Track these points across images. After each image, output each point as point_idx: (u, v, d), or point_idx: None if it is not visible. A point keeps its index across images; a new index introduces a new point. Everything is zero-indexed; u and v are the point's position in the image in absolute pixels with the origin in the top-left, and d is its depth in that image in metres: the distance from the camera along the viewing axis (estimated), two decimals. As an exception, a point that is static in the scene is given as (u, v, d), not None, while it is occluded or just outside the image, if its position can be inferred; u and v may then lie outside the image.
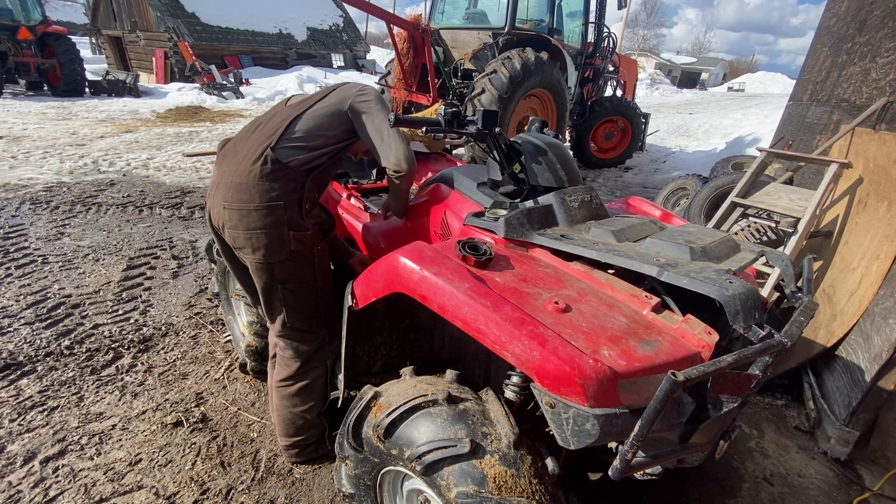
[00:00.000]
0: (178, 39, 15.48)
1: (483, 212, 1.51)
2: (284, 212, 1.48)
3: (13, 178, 5.21)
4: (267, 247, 1.49)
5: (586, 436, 0.88)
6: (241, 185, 1.48)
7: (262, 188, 1.47)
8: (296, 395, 1.71)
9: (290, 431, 1.77)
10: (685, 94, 29.49)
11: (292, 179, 1.51)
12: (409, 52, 6.02)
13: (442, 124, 1.44)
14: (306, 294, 1.60)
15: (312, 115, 1.58)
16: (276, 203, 1.47)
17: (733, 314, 1.02)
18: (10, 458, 1.80)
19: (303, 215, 1.54)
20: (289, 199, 1.50)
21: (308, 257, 1.58)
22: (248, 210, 1.47)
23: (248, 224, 1.48)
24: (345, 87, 1.66)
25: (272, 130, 1.54)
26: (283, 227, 1.49)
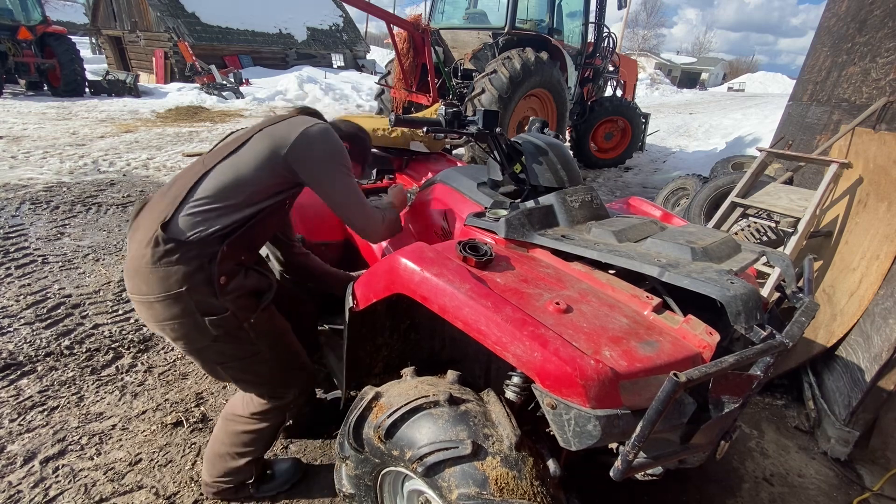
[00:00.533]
0: (178, 39, 15.47)
1: (484, 212, 1.51)
2: (190, 297, 1.25)
3: (13, 178, 5.21)
4: (184, 337, 1.30)
5: (588, 437, 0.88)
6: (137, 274, 1.26)
7: (157, 276, 1.24)
8: (238, 435, 1.54)
9: (215, 470, 1.60)
10: (685, 94, 29.50)
11: (195, 257, 1.25)
12: (409, 52, 6.02)
13: (442, 124, 1.44)
14: (253, 368, 1.43)
15: (228, 168, 1.30)
16: (177, 291, 1.24)
17: (735, 315, 1.02)
18: (10, 458, 1.80)
19: (218, 294, 1.28)
20: (193, 281, 1.25)
21: (240, 335, 1.36)
22: (150, 303, 1.26)
23: (154, 317, 1.28)
24: (279, 128, 1.36)
25: (172, 198, 1.28)
26: (193, 315, 1.27)
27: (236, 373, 1.43)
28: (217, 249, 1.28)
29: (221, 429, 1.58)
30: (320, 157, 1.35)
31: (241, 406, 1.54)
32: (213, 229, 1.26)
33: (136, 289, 1.28)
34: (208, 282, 1.27)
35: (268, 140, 1.33)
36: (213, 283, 1.28)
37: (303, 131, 1.34)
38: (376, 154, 2.79)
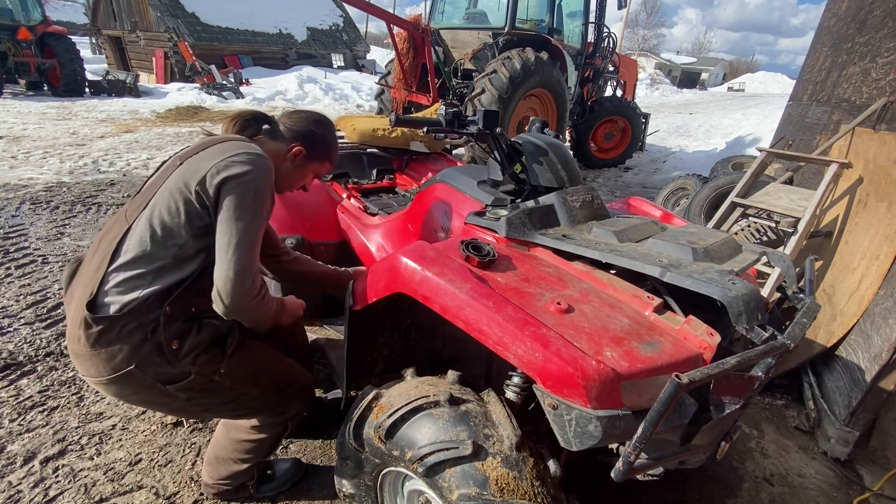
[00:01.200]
0: (178, 39, 15.47)
1: (484, 211, 1.51)
2: (144, 373, 1.14)
3: (13, 178, 5.21)
4: (156, 405, 1.26)
5: (589, 437, 0.88)
6: (78, 357, 1.15)
7: (101, 358, 1.12)
8: (241, 443, 1.51)
9: (216, 472, 1.58)
10: (685, 94, 29.50)
11: (135, 329, 1.12)
12: (409, 52, 6.02)
13: (442, 124, 1.44)
14: (243, 405, 1.37)
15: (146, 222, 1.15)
16: (127, 371, 1.13)
17: (736, 315, 1.02)
18: (10, 458, 1.80)
19: (172, 360, 1.17)
20: (140, 356, 1.13)
21: (213, 388, 1.26)
22: (102, 383, 1.16)
23: (116, 394, 1.18)
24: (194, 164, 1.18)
25: (95, 268, 1.14)
26: (155, 387, 1.17)
27: (228, 413, 1.39)
28: (157, 314, 1.14)
29: (223, 434, 1.56)
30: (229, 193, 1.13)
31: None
32: (145, 295, 1.12)
33: (84, 371, 1.16)
34: (158, 351, 1.15)
35: (179, 179, 1.17)
36: (162, 351, 1.15)
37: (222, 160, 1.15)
38: (376, 154, 2.80)
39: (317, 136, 1.45)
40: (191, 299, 1.20)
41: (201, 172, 1.15)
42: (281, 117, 1.46)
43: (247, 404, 1.37)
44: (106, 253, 1.15)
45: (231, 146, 1.22)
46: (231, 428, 1.53)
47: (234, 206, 1.13)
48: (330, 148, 1.50)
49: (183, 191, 1.15)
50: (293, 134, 1.41)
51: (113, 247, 1.15)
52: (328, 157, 1.51)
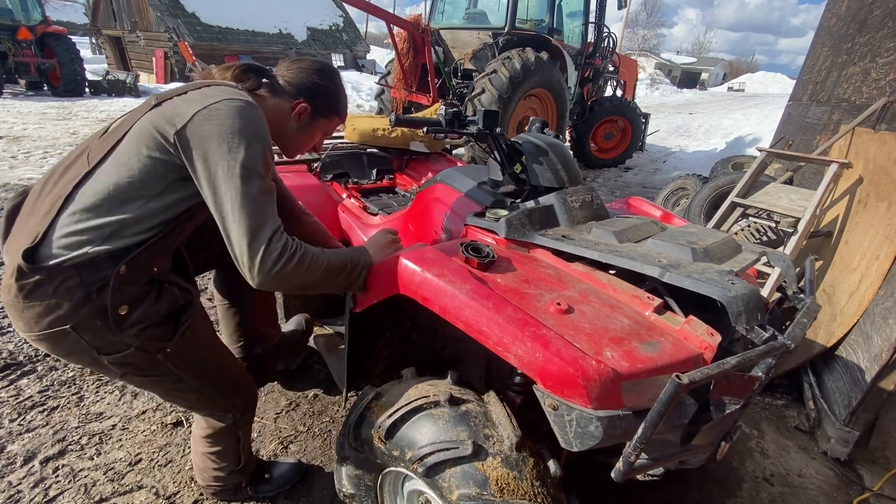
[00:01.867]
0: (178, 39, 15.47)
1: (484, 212, 1.51)
2: (80, 335, 1.00)
3: (13, 178, 5.20)
4: (91, 367, 1.09)
5: (589, 438, 0.88)
6: (9, 308, 1.00)
7: (33, 312, 0.98)
8: (206, 455, 1.51)
9: (203, 476, 1.60)
10: (685, 94, 29.51)
11: (78, 286, 0.97)
12: (409, 52, 6.02)
13: (442, 124, 1.44)
14: (181, 394, 1.26)
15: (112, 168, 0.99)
16: (61, 329, 0.98)
17: (736, 315, 1.02)
18: (10, 458, 1.80)
19: (115, 327, 1.02)
20: (79, 316, 0.98)
21: (153, 368, 1.13)
22: (34, 339, 1.02)
23: (46, 349, 1.04)
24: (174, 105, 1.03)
25: (45, 212, 0.98)
26: (89, 353, 1.03)
27: (163, 395, 1.28)
28: (108, 273, 0.98)
29: (193, 444, 1.55)
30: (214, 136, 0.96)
31: (196, 428, 1.49)
32: (96, 251, 0.97)
33: (15, 324, 1.02)
34: (101, 315, 1.00)
35: (155, 122, 0.99)
36: (106, 315, 1.00)
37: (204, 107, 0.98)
38: (376, 154, 2.80)
39: (321, 89, 1.26)
40: (152, 259, 1.05)
41: (181, 119, 0.98)
42: (279, 69, 1.29)
43: (181, 395, 1.26)
44: (59, 196, 0.99)
45: (218, 91, 1.04)
46: (195, 439, 1.51)
47: (226, 161, 0.96)
48: (338, 100, 1.31)
49: (157, 137, 0.99)
50: (295, 88, 1.23)
51: (68, 190, 0.98)
52: (336, 110, 1.31)
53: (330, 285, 1.13)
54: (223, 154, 0.96)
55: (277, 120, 1.19)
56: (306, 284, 1.07)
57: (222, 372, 1.32)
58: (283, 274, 1.00)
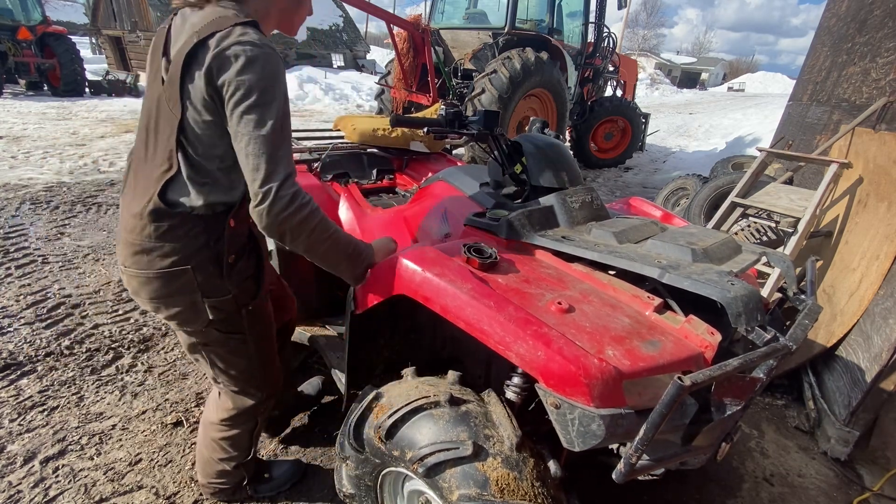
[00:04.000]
0: (177, 39, 15.46)
1: (484, 212, 1.51)
2: (195, 276, 1.14)
3: (13, 178, 5.20)
4: (178, 315, 1.19)
5: (592, 436, 0.88)
6: (134, 247, 1.13)
7: (161, 251, 1.11)
8: (216, 442, 1.52)
9: (206, 472, 1.60)
10: (685, 94, 29.52)
11: (202, 233, 1.12)
12: (409, 52, 6.02)
13: (442, 124, 1.44)
14: (235, 358, 1.36)
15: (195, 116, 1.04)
16: (182, 268, 1.12)
17: (735, 316, 1.02)
18: (10, 458, 1.80)
19: (224, 275, 1.18)
20: (199, 258, 1.14)
21: (235, 321, 1.27)
22: (148, 278, 1.14)
23: (150, 293, 1.16)
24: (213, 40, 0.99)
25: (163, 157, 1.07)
26: (194, 295, 1.16)
27: (216, 359, 1.34)
28: (223, 225, 1.15)
29: (202, 434, 1.57)
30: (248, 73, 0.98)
31: (213, 412, 1.51)
32: (211, 201, 1.11)
33: (131, 262, 1.13)
34: (216, 259, 1.16)
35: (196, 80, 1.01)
36: (221, 260, 1.16)
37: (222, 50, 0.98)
38: (376, 154, 2.80)
39: None
40: (248, 221, 1.19)
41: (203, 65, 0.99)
42: None
43: (237, 359, 1.35)
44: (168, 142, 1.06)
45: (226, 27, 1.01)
46: (206, 427, 1.54)
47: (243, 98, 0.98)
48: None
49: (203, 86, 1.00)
50: None
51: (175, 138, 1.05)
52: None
53: (332, 261, 1.18)
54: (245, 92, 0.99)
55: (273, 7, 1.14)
56: (310, 246, 1.11)
57: (271, 348, 1.45)
58: (290, 223, 1.03)
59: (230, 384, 1.42)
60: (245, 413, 1.47)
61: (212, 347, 1.31)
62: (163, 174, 1.08)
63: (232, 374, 1.39)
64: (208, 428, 1.53)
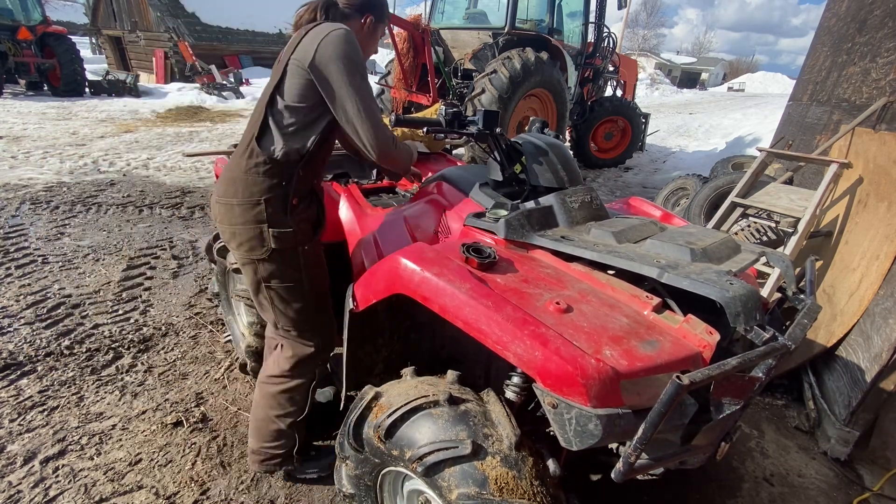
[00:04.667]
0: (178, 39, 15.46)
1: (483, 212, 1.51)
2: (266, 208, 1.41)
3: (13, 178, 5.21)
4: (248, 242, 1.44)
5: (589, 436, 0.88)
6: (231, 180, 1.44)
7: (247, 182, 1.41)
8: (275, 395, 1.64)
9: (261, 435, 1.70)
10: (685, 94, 29.50)
11: (279, 174, 1.41)
12: (409, 52, 6.02)
13: (442, 124, 1.44)
14: (292, 296, 1.53)
15: (292, 84, 1.37)
16: (257, 198, 1.41)
17: (734, 315, 1.02)
18: (10, 458, 1.80)
19: (287, 212, 1.44)
20: (272, 194, 1.41)
21: (293, 257, 1.49)
22: (232, 205, 1.43)
23: (231, 219, 1.44)
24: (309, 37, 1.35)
25: (257, 115, 1.42)
26: (263, 225, 1.42)
27: (276, 296, 1.52)
28: (294, 171, 1.43)
29: (259, 394, 1.68)
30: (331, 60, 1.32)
31: (274, 367, 1.64)
32: (292, 148, 1.40)
33: (224, 192, 1.44)
34: (284, 198, 1.43)
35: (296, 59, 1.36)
36: (287, 200, 1.43)
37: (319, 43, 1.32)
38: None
39: (375, 2, 1.58)
40: (311, 174, 1.50)
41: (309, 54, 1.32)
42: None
43: (294, 297, 1.53)
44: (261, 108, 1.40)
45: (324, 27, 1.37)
46: (265, 384, 1.66)
47: (344, 75, 1.31)
48: (385, 4, 1.64)
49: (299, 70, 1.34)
50: (357, 8, 1.53)
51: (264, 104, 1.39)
52: (385, 13, 1.64)
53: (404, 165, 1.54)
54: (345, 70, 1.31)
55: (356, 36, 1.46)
56: (398, 161, 1.48)
57: (325, 297, 1.64)
58: (392, 152, 1.42)
59: (290, 328, 1.57)
60: (303, 362, 1.61)
61: (273, 284, 1.50)
62: (255, 123, 1.40)
63: (290, 315, 1.55)
64: (267, 384, 1.65)
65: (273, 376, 1.64)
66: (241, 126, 9.49)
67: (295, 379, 1.63)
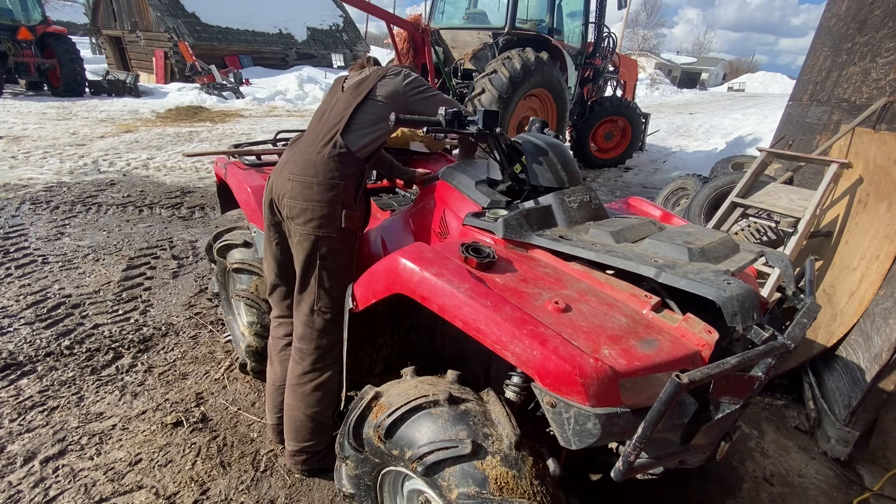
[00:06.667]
0: (178, 39, 15.46)
1: (482, 212, 1.51)
2: (343, 191, 1.58)
3: (13, 178, 5.21)
4: (320, 219, 1.57)
5: (588, 435, 0.88)
6: (309, 162, 1.58)
7: (328, 167, 1.57)
8: (310, 394, 1.67)
9: (300, 435, 1.72)
10: (685, 94, 29.51)
11: (354, 165, 1.61)
12: (409, 52, 6.02)
13: (442, 124, 1.44)
14: (340, 278, 1.62)
15: (375, 103, 1.64)
16: (338, 182, 1.58)
17: (731, 315, 1.02)
18: (10, 458, 1.80)
19: (356, 199, 1.62)
20: (348, 181, 1.59)
21: (352, 239, 1.65)
22: (311, 183, 1.56)
23: (307, 196, 1.56)
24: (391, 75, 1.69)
25: (338, 118, 1.63)
26: (338, 205, 1.57)
27: (326, 275, 1.61)
28: (364, 167, 1.65)
29: (292, 397, 1.71)
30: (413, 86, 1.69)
31: (300, 365, 1.67)
32: (367, 147, 1.64)
33: (302, 172, 1.58)
34: (357, 186, 1.62)
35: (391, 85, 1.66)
36: (358, 189, 1.62)
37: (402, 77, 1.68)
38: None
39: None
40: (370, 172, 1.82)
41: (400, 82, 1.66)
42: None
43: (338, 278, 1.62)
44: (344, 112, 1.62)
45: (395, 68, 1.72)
46: (296, 385, 1.69)
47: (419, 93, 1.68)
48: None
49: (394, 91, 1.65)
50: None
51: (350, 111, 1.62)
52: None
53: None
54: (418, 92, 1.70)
55: None
56: None
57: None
58: None
59: (327, 308, 1.62)
60: (328, 354, 1.66)
61: (326, 261, 1.60)
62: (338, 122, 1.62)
63: (334, 295, 1.62)
64: (299, 385, 1.69)
65: (303, 374, 1.68)
66: (241, 126, 9.49)
67: (326, 371, 1.67)
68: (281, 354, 1.82)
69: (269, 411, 1.89)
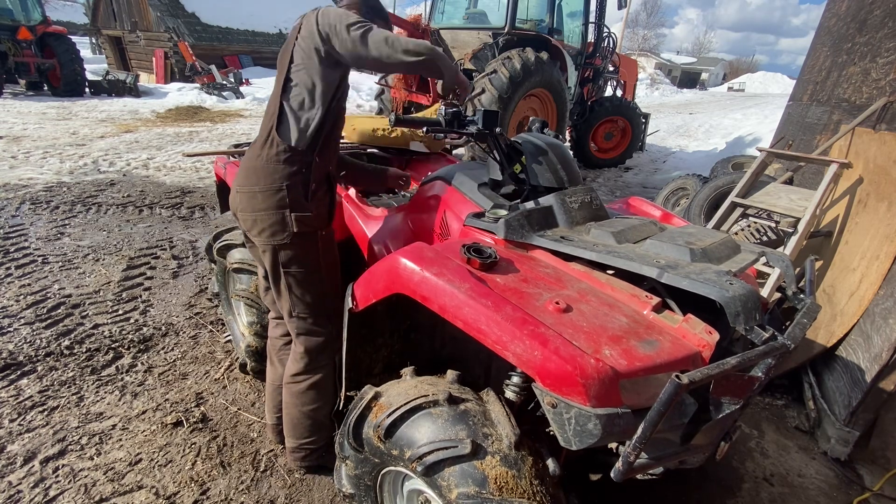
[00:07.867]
0: (178, 39, 15.46)
1: (483, 212, 1.51)
2: (288, 193, 1.48)
3: (13, 178, 5.21)
4: (270, 227, 1.49)
5: (588, 436, 0.88)
6: (251, 169, 1.50)
7: (267, 171, 1.47)
8: (304, 392, 1.67)
9: (298, 433, 1.73)
10: (685, 94, 29.51)
11: (298, 161, 1.49)
12: (409, 52, 6.01)
13: (442, 124, 1.44)
14: (310, 282, 1.58)
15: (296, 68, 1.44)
16: (279, 185, 1.47)
17: (733, 315, 1.02)
18: (10, 458, 1.80)
19: (308, 197, 1.51)
20: (293, 181, 1.48)
21: (311, 241, 1.56)
22: (254, 192, 1.49)
23: (254, 206, 1.50)
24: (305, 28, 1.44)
25: (271, 110, 1.49)
26: (284, 210, 1.48)
27: (294, 282, 1.55)
28: (311, 159, 1.50)
29: (287, 395, 1.70)
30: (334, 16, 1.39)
31: (293, 366, 1.67)
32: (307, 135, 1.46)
33: (245, 181, 1.51)
34: (304, 184, 1.50)
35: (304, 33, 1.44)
36: (307, 186, 1.50)
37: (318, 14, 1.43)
38: (376, 154, 2.80)
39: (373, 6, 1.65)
40: (325, 161, 1.56)
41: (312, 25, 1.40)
42: None
43: (311, 282, 1.57)
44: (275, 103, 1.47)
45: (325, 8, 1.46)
46: (291, 385, 1.68)
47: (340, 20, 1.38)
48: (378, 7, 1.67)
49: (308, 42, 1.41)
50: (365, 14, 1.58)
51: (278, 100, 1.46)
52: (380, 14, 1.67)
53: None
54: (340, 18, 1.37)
55: None
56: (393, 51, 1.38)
57: (337, 282, 1.68)
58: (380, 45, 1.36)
59: (305, 313, 1.59)
60: (320, 354, 1.65)
61: (292, 270, 1.54)
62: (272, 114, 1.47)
63: (307, 300, 1.58)
64: (292, 384, 1.68)
65: (296, 375, 1.67)
66: (241, 126, 9.49)
67: (317, 372, 1.67)
68: (280, 354, 1.82)
69: (269, 411, 1.89)
